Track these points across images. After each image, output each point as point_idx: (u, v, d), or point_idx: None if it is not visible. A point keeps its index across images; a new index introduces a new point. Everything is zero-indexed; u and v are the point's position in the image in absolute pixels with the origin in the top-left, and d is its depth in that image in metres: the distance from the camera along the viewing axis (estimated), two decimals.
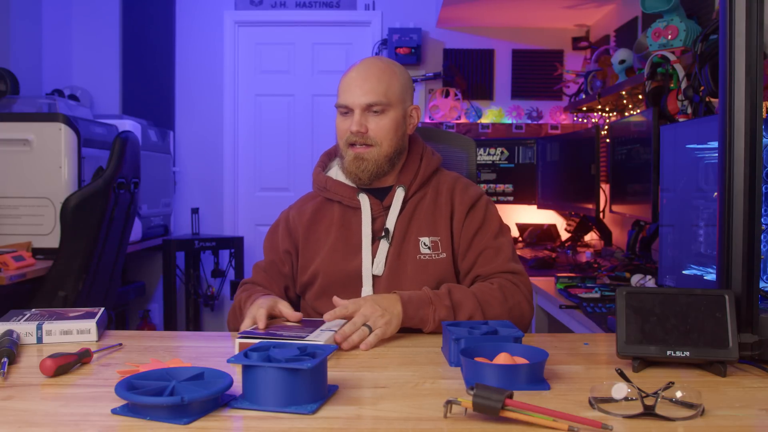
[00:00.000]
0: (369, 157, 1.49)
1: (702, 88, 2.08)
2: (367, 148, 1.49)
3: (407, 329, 1.35)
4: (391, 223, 1.51)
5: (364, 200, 1.53)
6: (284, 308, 1.34)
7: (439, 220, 1.53)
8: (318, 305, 1.52)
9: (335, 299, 1.35)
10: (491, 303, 1.39)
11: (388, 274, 1.49)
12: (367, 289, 1.48)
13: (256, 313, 1.29)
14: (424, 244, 1.51)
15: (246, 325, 1.29)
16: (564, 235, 3.80)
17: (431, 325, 1.34)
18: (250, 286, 1.55)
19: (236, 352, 1.19)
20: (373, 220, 1.52)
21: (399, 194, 1.54)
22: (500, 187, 3.95)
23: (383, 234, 1.51)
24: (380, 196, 1.55)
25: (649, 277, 2.30)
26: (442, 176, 1.60)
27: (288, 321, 1.34)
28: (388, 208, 1.53)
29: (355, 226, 1.53)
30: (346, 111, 1.50)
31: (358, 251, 1.51)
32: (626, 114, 3.25)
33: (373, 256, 1.50)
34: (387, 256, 1.50)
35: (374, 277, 1.49)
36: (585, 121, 4.03)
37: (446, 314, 1.35)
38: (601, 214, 3.15)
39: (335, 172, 1.60)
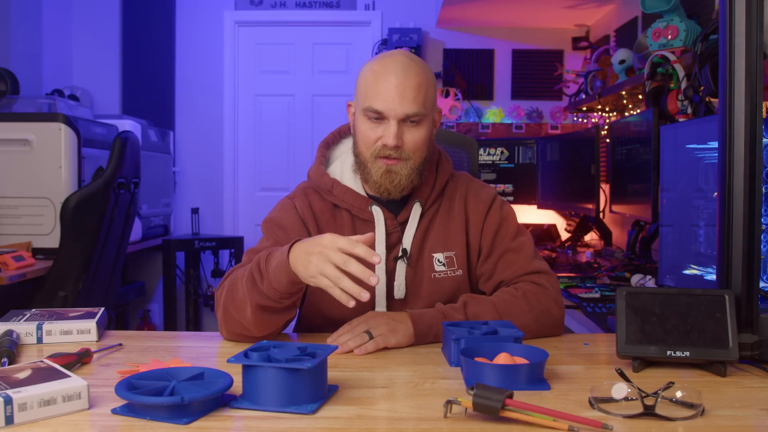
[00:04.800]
0: (401, 171, 1.34)
1: (702, 88, 2.08)
2: (398, 162, 1.33)
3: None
4: (407, 242, 1.40)
5: (377, 214, 1.40)
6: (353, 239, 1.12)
7: (454, 233, 1.43)
8: (328, 324, 1.39)
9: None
10: (514, 313, 1.31)
11: (404, 294, 1.40)
12: (380, 310, 1.38)
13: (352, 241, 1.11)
14: (439, 260, 1.41)
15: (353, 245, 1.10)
16: (564, 235, 3.80)
17: None
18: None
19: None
20: (387, 235, 1.40)
21: (416, 210, 1.41)
22: (500, 187, 3.94)
23: (401, 254, 1.39)
24: (393, 209, 1.41)
25: (649, 277, 2.30)
26: (453, 181, 1.49)
27: None
28: (403, 223, 1.41)
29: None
30: (379, 117, 1.32)
31: (370, 268, 1.40)
32: (626, 114, 3.25)
33: (389, 276, 1.39)
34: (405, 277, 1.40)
35: (389, 298, 1.39)
36: (585, 121, 4.02)
37: None
38: (601, 214, 3.15)
39: (339, 172, 1.44)
